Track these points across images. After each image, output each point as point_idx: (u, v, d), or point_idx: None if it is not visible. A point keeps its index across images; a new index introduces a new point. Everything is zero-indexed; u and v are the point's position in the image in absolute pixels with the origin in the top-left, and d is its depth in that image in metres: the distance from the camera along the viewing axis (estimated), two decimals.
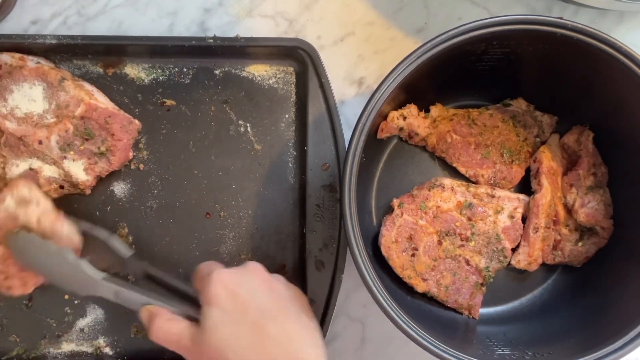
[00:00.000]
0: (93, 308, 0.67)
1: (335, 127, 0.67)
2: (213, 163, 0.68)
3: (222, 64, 0.68)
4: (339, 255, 0.66)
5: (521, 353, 0.58)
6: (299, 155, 0.68)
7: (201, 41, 0.67)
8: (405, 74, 0.55)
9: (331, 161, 0.67)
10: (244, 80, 0.69)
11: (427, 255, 0.64)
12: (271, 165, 0.68)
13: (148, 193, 0.67)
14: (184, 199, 0.67)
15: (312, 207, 0.66)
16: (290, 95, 0.69)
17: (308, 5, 0.70)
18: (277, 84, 0.69)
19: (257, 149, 0.68)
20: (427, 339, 0.54)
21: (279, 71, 0.69)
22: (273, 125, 0.68)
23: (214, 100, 0.68)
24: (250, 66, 0.69)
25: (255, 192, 0.68)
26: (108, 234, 0.62)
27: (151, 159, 0.68)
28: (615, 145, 0.63)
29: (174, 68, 0.68)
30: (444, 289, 0.64)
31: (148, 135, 0.68)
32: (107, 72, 0.68)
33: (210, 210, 0.68)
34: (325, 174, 0.67)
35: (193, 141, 0.68)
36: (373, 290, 0.54)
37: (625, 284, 0.61)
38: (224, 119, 0.68)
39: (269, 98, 0.68)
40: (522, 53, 0.59)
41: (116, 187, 0.67)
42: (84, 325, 0.67)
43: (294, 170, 0.68)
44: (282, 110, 0.68)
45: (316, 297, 0.65)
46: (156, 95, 0.68)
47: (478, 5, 0.71)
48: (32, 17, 0.70)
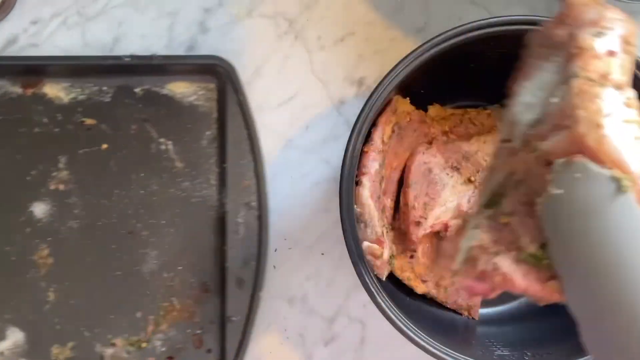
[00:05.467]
0: (12, 332, 0.66)
1: (254, 144, 0.66)
2: (134, 181, 0.68)
3: (142, 82, 0.68)
4: (258, 272, 0.66)
5: (521, 353, 0.58)
6: (220, 172, 0.68)
7: (117, 60, 0.67)
8: (404, 74, 0.55)
9: (250, 178, 0.66)
10: (164, 98, 0.68)
11: (426, 257, 0.64)
12: (193, 182, 0.68)
13: (68, 213, 0.67)
14: (105, 219, 0.67)
15: (232, 224, 0.66)
16: (212, 112, 0.69)
17: (308, 5, 0.70)
18: (199, 101, 0.69)
19: (178, 166, 0.68)
20: (426, 340, 0.54)
21: (200, 88, 0.69)
22: (194, 143, 0.68)
23: (135, 118, 0.68)
24: (171, 84, 0.69)
25: (177, 210, 0.68)
26: None
27: (71, 178, 0.67)
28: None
29: (94, 87, 0.68)
30: (444, 290, 0.64)
31: (68, 155, 0.67)
32: (25, 92, 0.68)
33: (132, 229, 0.67)
34: (244, 191, 0.66)
35: (114, 160, 0.68)
36: (372, 292, 0.54)
37: None
38: (144, 137, 0.68)
39: (190, 115, 0.68)
40: (521, 53, 0.59)
41: (36, 207, 0.67)
42: (4, 348, 0.66)
43: (216, 187, 0.68)
44: (204, 128, 0.68)
45: (236, 314, 0.65)
46: (76, 115, 0.68)
47: (478, 5, 0.71)
48: (32, 17, 0.70)
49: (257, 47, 0.71)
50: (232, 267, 0.66)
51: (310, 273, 0.69)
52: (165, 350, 0.67)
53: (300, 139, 0.70)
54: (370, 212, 0.58)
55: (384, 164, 0.60)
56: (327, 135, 0.70)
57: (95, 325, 0.67)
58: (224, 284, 0.66)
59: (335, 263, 0.69)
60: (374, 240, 0.58)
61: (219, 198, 0.68)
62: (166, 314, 0.67)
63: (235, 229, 0.66)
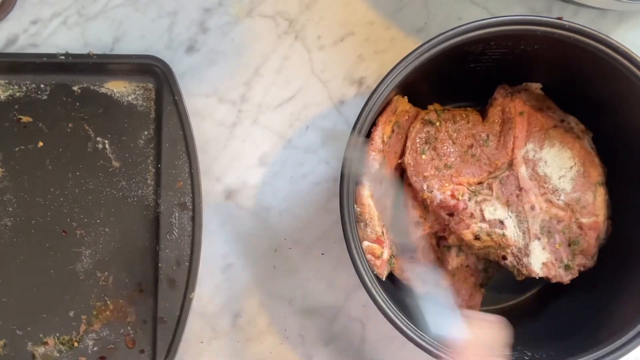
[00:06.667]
0: None
1: (188, 145, 0.66)
2: (70, 180, 0.68)
3: (80, 80, 0.68)
4: (190, 273, 0.65)
5: (520, 353, 0.58)
6: (156, 172, 0.68)
7: (52, 58, 0.67)
8: (403, 74, 0.55)
9: (185, 179, 0.66)
10: (102, 97, 0.68)
11: (426, 257, 0.64)
12: (129, 182, 0.68)
13: (3, 210, 0.67)
14: (39, 217, 0.67)
15: (166, 224, 0.66)
16: (150, 111, 0.69)
17: (308, 5, 0.70)
18: (137, 100, 0.69)
19: (115, 166, 0.68)
20: (426, 339, 0.54)
21: (138, 87, 0.69)
22: (132, 142, 0.68)
23: (72, 116, 0.68)
24: (109, 83, 0.69)
25: (112, 210, 0.68)
26: None
27: (6, 176, 0.67)
28: (613, 145, 0.63)
29: (31, 85, 0.68)
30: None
31: (3, 152, 0.67)
32: None
33: (67, 227, 0.67)
34: (179, 192, 0.66)
35: (50, 158, 0.68)
36: (372, 292, 0.54)
37: (625, 283, 0.60)
38: (82, 136, 0.68)
39: (128, 115, 0.68)
40: (520, 53, 0.59)
41: None
42: None
43: (152, 187, 0.68)
44: (141, 127, 0.68)
45: (168, 315, 0.65)
46: (12, 112, 0.68)
47: (478, 5, 0.71)
48: (32, 17, 0.70)
49: (257, 47, 0.71)
50: (165, 268, 0.65)
51: (310, 273, 0.70)
52: (98, 350, 0.66)
53: (300, 139, 0.70)
54: (370, 212, 0.58)
55: (384, 163, 0.60)
56: (327, 135, 0.70)
57: (27, 324, 0.66)
58: (157, 284, 0.66)
59: (335, 263, 0.69)
60: (374, 240, 0.58)
61: (155, 198, 0.68)
62: (99, 314, 0.67)
63: (169, 229, 0.66)
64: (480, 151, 0.63)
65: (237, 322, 0.69)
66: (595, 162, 0.63)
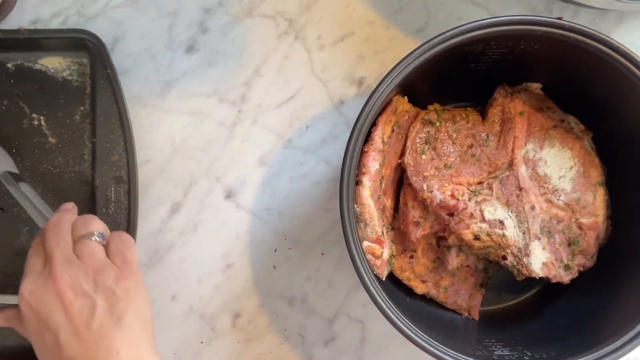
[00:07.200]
0: None
1: (122, 119, 0.66)
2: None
3: (14, 57, 0.68)
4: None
5: (520, 353, 0.58)
6: (92, 148, 0.68)
7: None
8: (403, 74, 0.55)
9: (120, 152, 0.66)
10: (37, 73, 0.68)
11: (426, 257, 0.64)
12: (66, 158, 0.68)
13: None
14: None
15: (102, 199, 0.66)
16: (85, 87, 0.68)
17: (308, 5, 0.70)
18: (72, 76, 0.68)
19: (51, 142, 0.68)
20: (426, 340, 0.54)
21: (73, 63, 0.68)
22: (68, 118, 0.68)
23: (7, 94, 0.68)
24: (44, 59, 0.68)
25: (50, 186, 0.67)
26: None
27: None
28: (613, 146, 0.63)
29: None
30: (443, 290, 0.64)
31: None
32: None
33: (4, 205, 0.67)
34: (114, 165, 0.66)
35: None
36: (372, 292, 0.54)
37: (625, 283, 0.60)
38: (17, 113, 0.68)
39: (64, 90, 0.68)
40: (520, 53, 0.59)
41: None
42: None
43: (89, 163, 0.68)
44: (77, 103, 0.68)
45: None
46: None
47: (478, 5, 0.71)
48: (32, 17, 0.70)
49: (257, 47, 0.71)
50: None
51: (310, 273, 0.70)
52: None
53: (300, 139, 0.70)
54: (370, 212, 0.58)
55: (384, 163, 0.60)
56: (327, 135, 0.70)
57: None
58: None
59: (335, 263, 0.69)
60: (374, 240, 0.58)
61: (92, 173, 0.68)
62: None
63: (105, 203, 0.66)
64: (480, 151, 0.63)
65: (237, 322, 0.69)
66: (595, 162, 0.63)
